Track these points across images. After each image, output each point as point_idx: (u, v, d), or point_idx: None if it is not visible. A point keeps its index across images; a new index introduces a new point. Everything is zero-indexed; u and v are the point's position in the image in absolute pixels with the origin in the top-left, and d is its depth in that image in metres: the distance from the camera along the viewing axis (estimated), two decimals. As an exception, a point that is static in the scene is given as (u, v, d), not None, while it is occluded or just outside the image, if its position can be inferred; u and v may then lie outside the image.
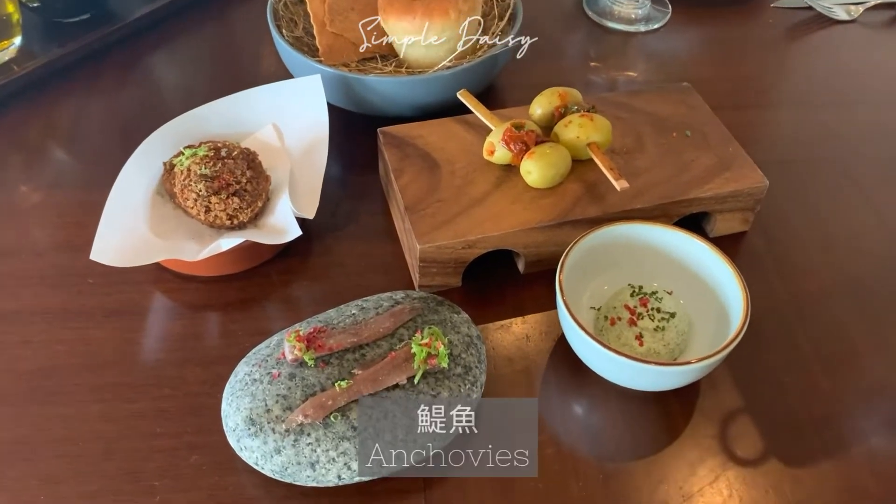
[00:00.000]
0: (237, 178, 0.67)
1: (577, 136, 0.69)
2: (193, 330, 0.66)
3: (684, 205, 0.70)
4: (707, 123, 0.77)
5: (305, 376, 0.55)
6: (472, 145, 0.73)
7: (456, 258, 0.66)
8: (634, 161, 0.72)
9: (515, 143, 0.68)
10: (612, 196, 0.69)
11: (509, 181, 0.70)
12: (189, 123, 0.74)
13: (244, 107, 0.75)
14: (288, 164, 0.72)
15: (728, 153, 0.73)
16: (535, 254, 0.69)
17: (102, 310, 0.67)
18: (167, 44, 0.97)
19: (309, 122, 0.74)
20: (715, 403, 0.62)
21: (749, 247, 0.74)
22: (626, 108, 0.78)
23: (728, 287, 0.62)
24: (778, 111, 0.90)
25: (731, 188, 0.70)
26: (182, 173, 0.67)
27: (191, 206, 0.66)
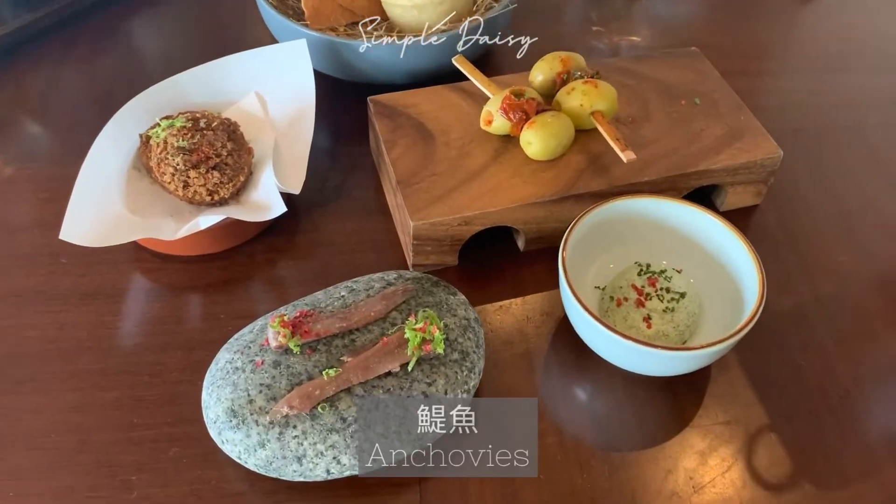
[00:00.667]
0: (217, 150, 0.62)
1: (580, 105, 0.65)
2: (173, 313, 0.62)
3: (694, 177, 0.66)
4: (717, 90, 0.72)
5: (291, 364, 0.51)
6: (468, 115, 0.69)
7: (452, 235, 0.62)
8: (641, 131, 0.68)
9: (515, 111, 0.64)
10: (618, 168, 0.65)
11: (508, 153, 0.66)
12: (166, 92, 0.69)
13: (225, 74, 0.71)
14: (272, 136, 0.68)
15: (739, 122, 0.69)
16: (535, 230, 0.65)
17: (77, 292, 0.63)
18: (147, 7, 0.92)
19: (294, 90, 0.70)
20: (727, 388, 0.59)
21: (761, 221, 0.71)
22: (632, 75, 0.73)
23: (742, 266, 0.58)
24: (791, 77, 0.86)
25: (744, 159, 0.66)
26: (158, 146, 0.62)
27: (168, 181, 0.62)
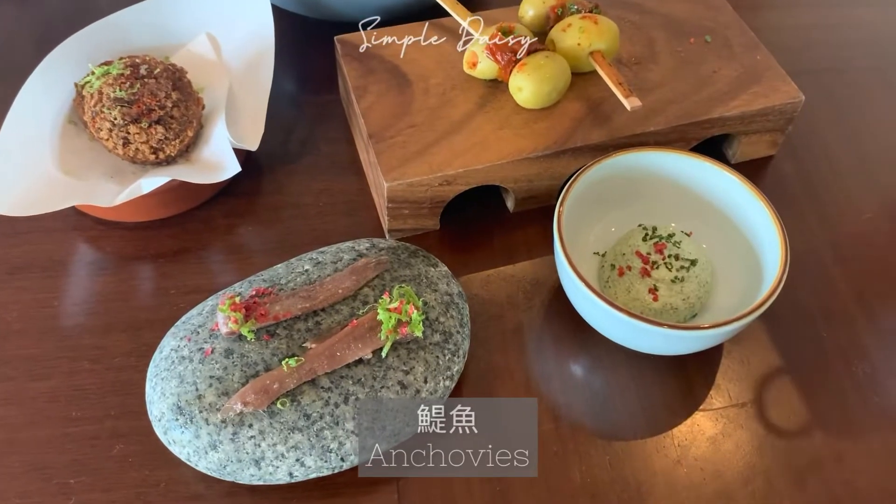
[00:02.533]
0: (160, 101, 0.54)
1: (577, 44, 0.57)
2: (117, 288, 0.55)
3: (705, 126, 0.58)
4: (730, 27, 0.64)
5: (245, 353, 0.44)
6: (450, 55, 0.61)
7: (432, 197, 0.55)
8: (646, 73, 0.60)
9: (503, 53, 0.56)
10: (620, 117, 0.57)
11: (496, 100, 0.58)
12: (104, 34, 0.60)
13: (172, 13, 0.62)
14: (226, 82, 0.60)
15: (755, 62, 0.61)
16: (526, 189, 0.57)
17: (6, 265, 0.55)
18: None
19: (250, 30, 0.61)
20: (741, 365, 0.52)
21: (777, 173, 0.64)
22: (635, 9, 0.65)
23: (761, 229, 0.51)
24: (807, 12, 0.77)
25: (761, 105, 0.59)
26: (92, 97, 0.54)
27: (105, 138, 0.54)
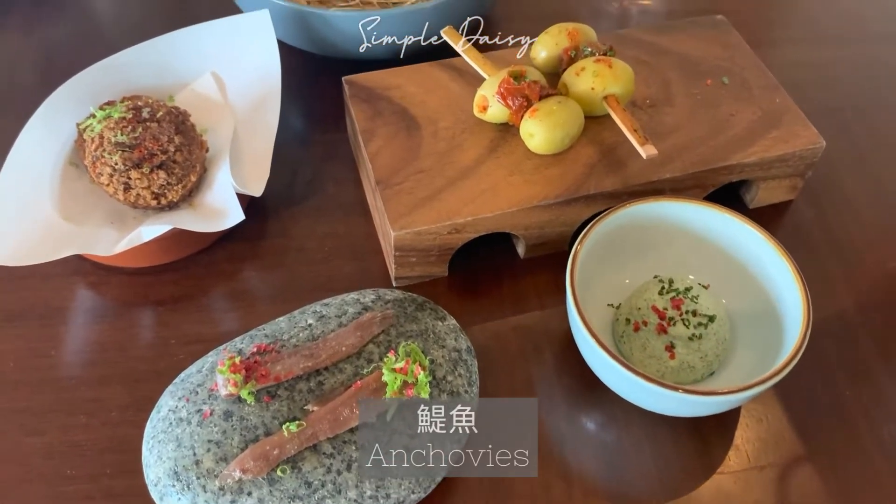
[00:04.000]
0: (163, 146, 0.53)
1: (591, 88, 0.55)
2: (116, 337, 0.53)
3: (723, 173, 0.57)
4: (748, 67, 0.62)
5: (245, 415, 0.42)
6: (459, 98, 0.59)
7: (440, 245, 0.53)
8: (661, 116, 0.59)
9: (514, 97, 0.54)
10: (635, 163, 0.55)
11: (506, 145, 0.56)
12: (106, 74, 0.59)
13: (176, 51, 0.61)
14: (231, 124, 0.58)
15: (775, 105, 0.60)
16: (537, 235, 0.56)
17: (3, 312, 0.54)
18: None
19: (257, 69, 0.60)
20: (761, 425, 0.50)
21: (796, 219, 0.62)
22: (650, 49, 0.63)
23: (781, 283, 0.49)
24: (827, 47, 0.75)
25: (780, 151, 0.57)
26: (93, 141, 0.53)
27: (106, 184, 0.53)
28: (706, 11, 0.77)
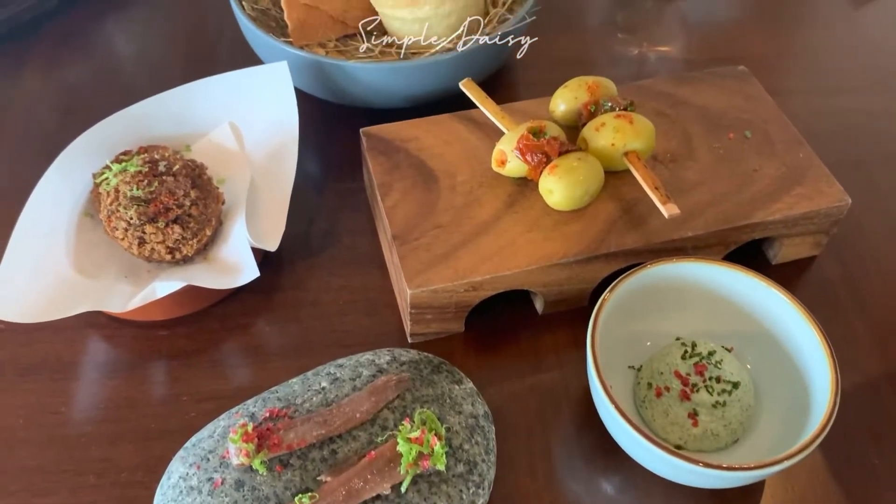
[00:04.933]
0: (179, 200, 0.52)
1: (611, 144, 0.55)
2: (127, 393, 0.52)
3: (746, 231, 0.55)
4: (770, 120, 0.62)
5: (257, 485, 0.41)
6: (477, 150, 0.59)
7: (457, 302, 0.52)
8: (683, 171, 0.58)
9: (533, 153, 0.54)
10: (656, 220, 0.54)
11: (525, 200, 0.56)
12: (123, 125, 0.59)
13: (194, 101, 0.60)
14: (248, 174, 0.58)
15: (798, 161, 0.59)
16: (556, 293, 0.55)
17: (15, 366, 0.53)
18: (114, 11, 0.82)
19: (275, 120, 0.60)
20: (787, 492, 0.49)
21: (821, 276, 0.60)
22: (671, 101, 0.63)
23: (806, 347, 0.48)
24: (852, 97, 0.74)
25: (804, 209, 0.56)
26: (108, 195, 0.53)
27: (121, 238, 0.52)
28: (726, 59, 0.77)
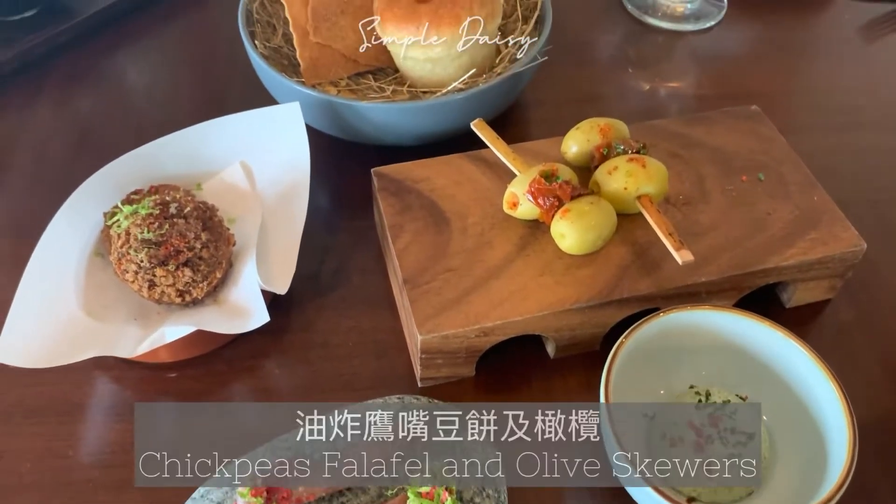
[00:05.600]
0: (189, 243, 0.52)
1: (624, 188, 0.54)
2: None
3: (760, 276, 0.55)
4: (784, 162, 0.61)
5: (265, 540, 0.41)
6: (488, 191, 0.59)
7: (468, 347, 0.52)
8: (696, 215, 0.57)
9: (545, 197, 0.53)
10: (669, 265, 0.54)
11: (536, 243, 0.55)
12: (135, 164, 0.59)
13: (206, 141, 0.61)
14: (259, 214, 0.58)
15: (812, 204, 0.58)
16: (568, 337, 0.54)
17: (22, 408, 0.53)
18: (127, 45, 0.82)
19: (286, 160, 0.60)
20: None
21: (836, 319, 0.59)
22: (683, 141, 0.62)
23: (822, 398, 0.47)
24: (864, 134, 0.74)
25: (819, 254, 0.55)
26: (119, 238, 0.52)
27: (131, 280, 0.52)
28: (737, 95, 0.77)
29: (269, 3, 0.71)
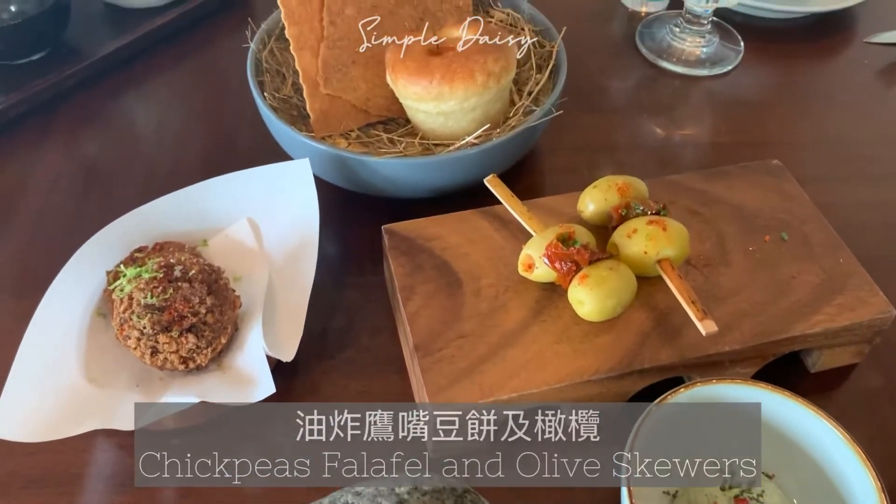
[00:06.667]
0: (194, 308, 0.51)
1: (644, 252, 0.52)
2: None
3: (785, 344, 0.53)
4: (807, 220, 0.59)
5: None
6: (503, 250, 0.57)
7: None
8: (717, 277, 0.55)
9: (562, 261, 0.52)
10: (690, 332, 0.52)
11: (553, 307, 0.53)
12: (139, 222, 0.58)
13: (212, 197, 0.59)
14: (266, 273, 0.56)
15: (838, 266, 0.56)
16: (586, 405, 0.52)
17: (20, 478, 0.51)
18: (134, 88, 0.81)
19: (294, 217, 0.58)
20: None
21: (863, 385, 0.57)
22: (703, 199, 0.60)
23: (856, 483, 0.45)
24: (888, 186, 0.72)
25: (846, 321, 0.53)
26: (122, 302, 0.51)
27: (133, 347, 0.50)
28: (754, 142, 0.76)
29: (278, 51, 0.70)
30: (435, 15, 0.68)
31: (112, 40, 0.81)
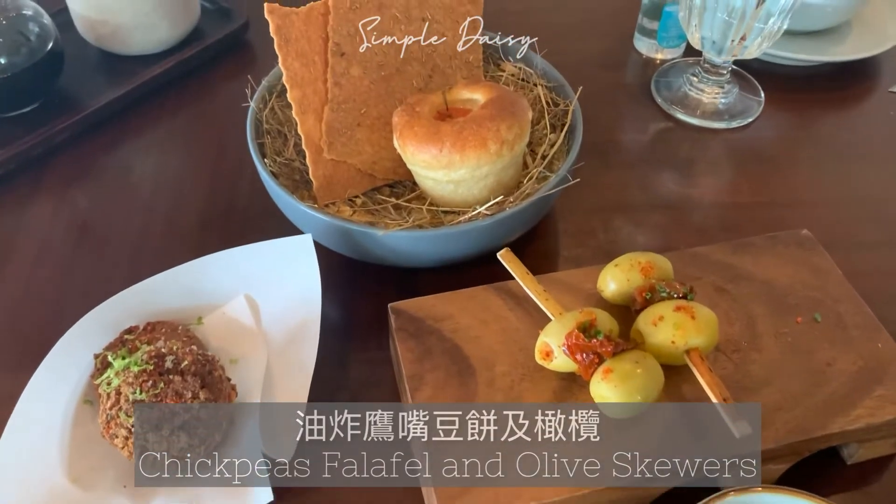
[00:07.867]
0: (186, 402, 0.47)
1: (671, 342, 0.49)
2: None
3: (822, 441, 0.49)
4: (841, 299, 0.56)
5: None
6: (517, 332, 0.53)
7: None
8: (748, 365, 0.52)
9: (584, 353, 0.48)
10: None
11: (573, 398, 0.50)
12: (132, 300, 0.54)
13: (208, 273, 0.56)
14: (264, 356, 0.53)
15: (877, 352, 0.52)
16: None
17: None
18: (129, 141, 0.77)
19: (295, 296, 0.55)
20: None
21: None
22: (729, 273, 0.57)
23: None
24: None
25: (888, 415, 0.49)
26: (109, 398, 0.47)
27: (120, 446, 0.47)
28: (777, 202, 0.73)
29: (279, 109, 0.66)
30: (444, 72, 0.65)
31: (106, 90, 0.78)
